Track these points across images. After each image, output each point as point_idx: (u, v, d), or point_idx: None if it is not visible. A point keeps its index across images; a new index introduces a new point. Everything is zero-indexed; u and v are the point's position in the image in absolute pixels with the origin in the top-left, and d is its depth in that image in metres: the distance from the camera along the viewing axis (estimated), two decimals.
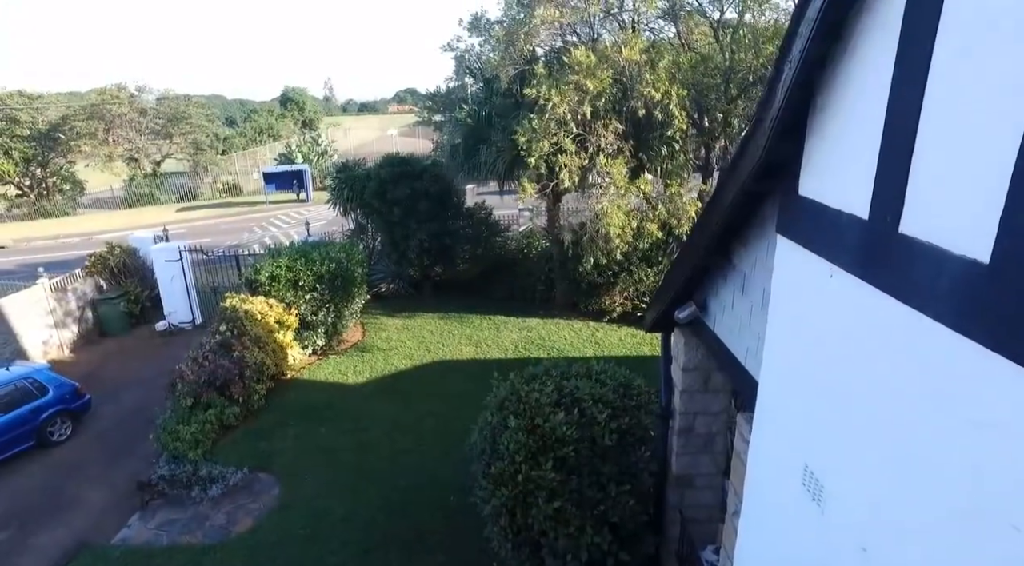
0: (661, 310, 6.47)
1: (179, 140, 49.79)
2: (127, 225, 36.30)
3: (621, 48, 11.97)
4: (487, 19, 14.82)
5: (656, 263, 15.84)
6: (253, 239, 29.43)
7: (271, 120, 70.10)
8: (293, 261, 13.46)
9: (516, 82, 13.58)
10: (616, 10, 14.70)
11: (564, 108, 11.49)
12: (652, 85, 11.64)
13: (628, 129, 12.75)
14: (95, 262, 17.73)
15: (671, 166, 13.34)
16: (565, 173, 11.89)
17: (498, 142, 13.79)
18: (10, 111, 44.43)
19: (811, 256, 3.09)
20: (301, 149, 46.98)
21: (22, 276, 20.50)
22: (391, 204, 16.28)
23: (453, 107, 17.17)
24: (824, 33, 2.83)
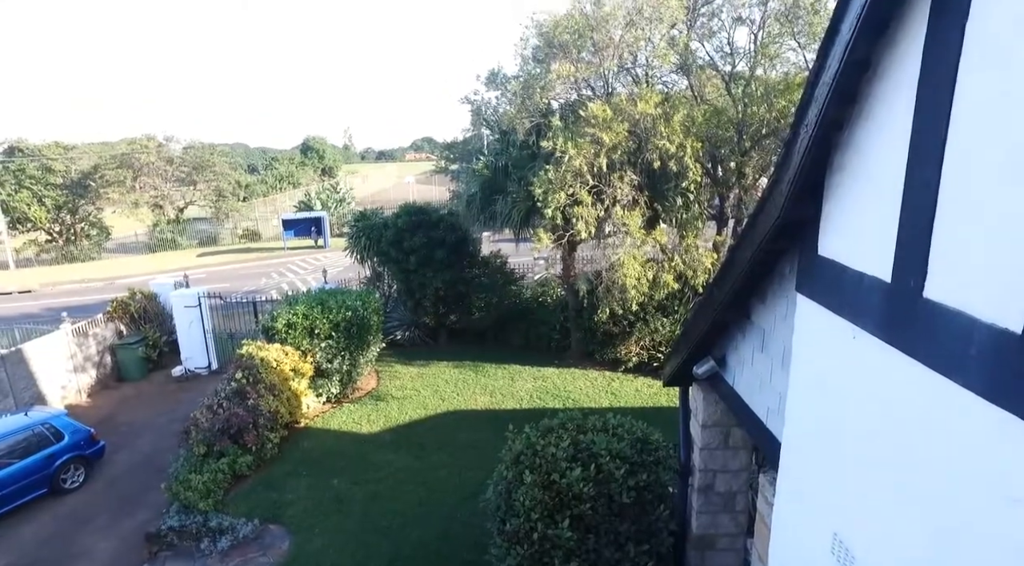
0: (679, 364, 6.41)
1: (203, 187, 51.16)
2: (149, 270, 37.01)
3: (636, 102, 12.25)
4: (504, 74, 15.33)
5: (672, 313, 15.76)
6: (271, 285, 29.81)
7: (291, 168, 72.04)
8: (310, 309, 13.57)
9: (532, 134, 13.90)
10: (630, 65, 15.12)
11: (580, 160, 11.70)
12: (667, 138, 11.84)
13: (643, 180, 12.91)
14: (116, 307, 18.00)
15: (686, 217, 13.43)
16: (581, 224, 12.01)
17: (514, 193, 14.01)
18: (46, 161, 46.15)
19: (833, 316, 3.07)
20: (320, 196, 48.01)
21: (46, 320, 20.85)
22: (408, 252, 16.47)
23: (470, 157, 17.55)
24: (839, 98, 2.89)
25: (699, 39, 15.76)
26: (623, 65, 14.77)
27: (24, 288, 34.86)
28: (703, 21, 15.70)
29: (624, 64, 14.78)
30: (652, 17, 13.81)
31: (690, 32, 15.29)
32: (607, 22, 13.35)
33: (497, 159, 15.12)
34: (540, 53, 14.11)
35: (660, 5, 13.29)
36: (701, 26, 15.71)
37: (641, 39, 13.95)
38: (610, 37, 13.72)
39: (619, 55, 14.06)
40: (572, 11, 13.83)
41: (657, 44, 14.01)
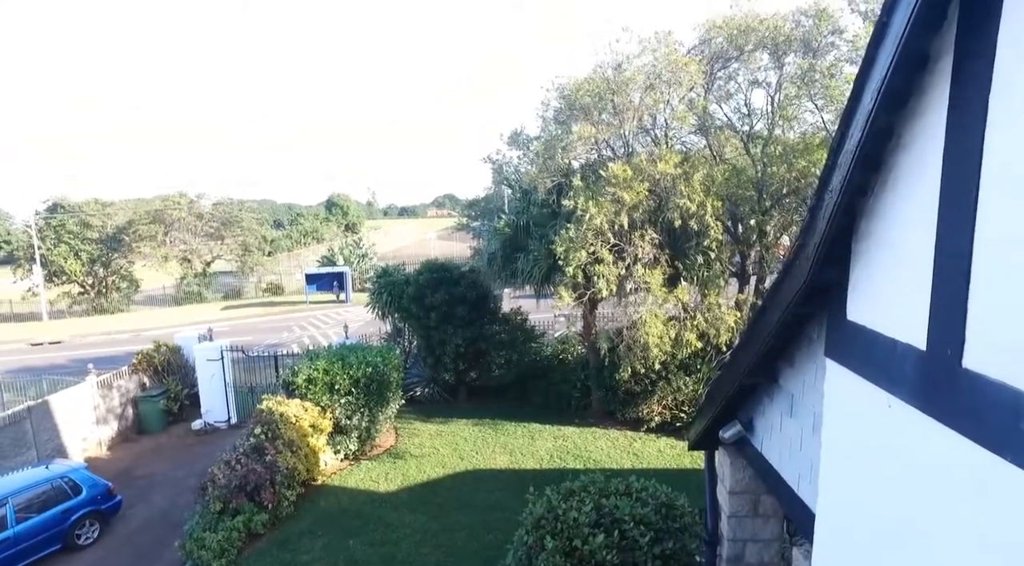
0: (704, 428, 6.26)
1: (230, 242, 52.52)
2: (175, 322, 37.63)
3: (656, 162, 12.46)
4: (526, 135, 15.74)
5: (695, 372, 15.52)
6: (292, 338, 30.05)
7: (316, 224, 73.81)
8: (331, 364, 13.61)
9: (553, 193, 14.14)
10: (649, 126, 15.45)
11: (601, 219, 11.84)
12: (687, 197, 11.97)
13: (664, 239, 12.99)
14: (141, 360, 18.24)
15: (707, 275, 13.40)
16: (602, 282, 12.04)
17: (535, 251, 14.14)
18: (85, 217, 47.97)
19: (865, 384, 3.01)
20: (343, 252, 48.91)
21: (73, 371, 21.18)
22: (429, 309, 16.58)
23: (491, 215, 17.83)
24: (863, 165, 2.92)
25: (717, 101, 16.14)
26: (643, 126, 15.10)
27: (55, 339, 35.64)
28: (720, 84, 16.11)
29: (644, 125, 15.12)
30: (671, 81, 14.21)
31: (708, 95, 15.67)
32: (627, 86, 13.74)
33: (518, 217, 15.36)
34: (562, 115, 14.52)
35: (679, 70, 13.68)
36: (718, 89, 16.11)
37: (660, 102, 14.31)
38: (630, 100, 14.09)
39: (639, 117, 14.40)
40: (593, 75, 14.29)
41: (676, 107, 14.36)
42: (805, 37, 14.25)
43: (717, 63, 15.57)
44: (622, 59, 14.31)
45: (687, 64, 13.76)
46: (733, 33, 14.65)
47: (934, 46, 2.46)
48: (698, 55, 15.25)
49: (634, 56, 14.38)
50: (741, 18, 14.65)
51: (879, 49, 2.60)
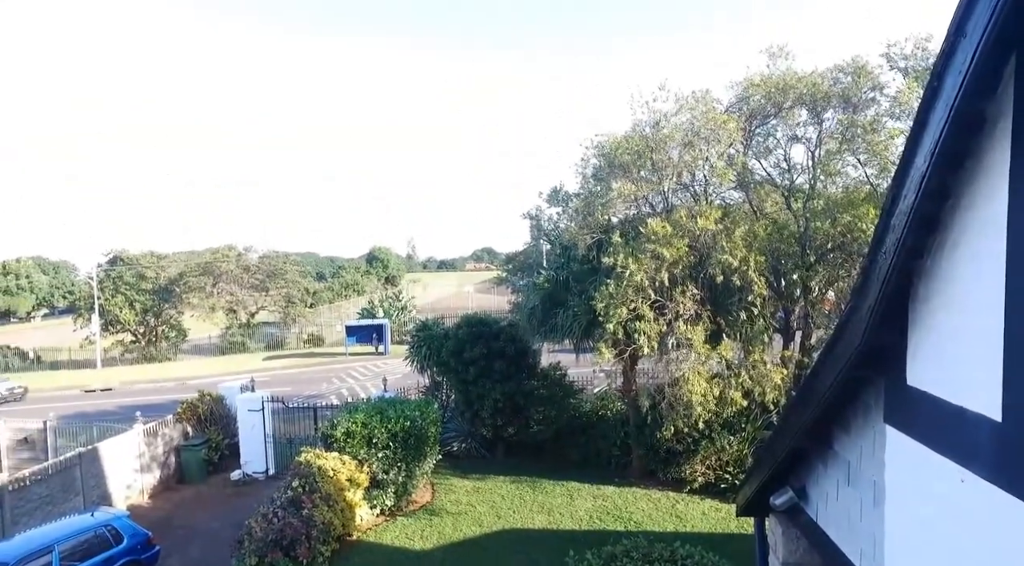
0: (753, 492, 5.99)
1: (274, 293, 54.06)
2: (218, 371, 38.46)
3: (696, 218, 12.44)
4: (566, 192, 15.99)
5: (740, 431, 15.00)
6: (331, 390, 30.32)
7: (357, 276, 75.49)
8: (369, 417, 13.63)
9: (593, 249, 14.20)
10: (688, 182, 15.52)
11: (641, 275, 11.79)
12: (729, 253, 11.85)
13: (706, 295, 12.81)
14: (186, 409, 18.62)
15: (751, 331, 13.09)
16: (643, 339, 11.88)
17: (575, 306, 14.11)
18: (141, 269, 50.29)
19: (933, 455, 2.85)
20: (383, 304, 49.67)
21: (121, 417, 21.73)
22: (467, 363, 16.58)
23: (530, 270, 17.97)
24: (919, 227, 2.85)
25: (756, 157, 16.16)
26: (682, 182, 15.18)
27: (106, 386, 36.85)
28: (759, 140, 16.17)
29: (683, 181, 15.20)
30: (709, 138, 14.33)
31: (747, 150, 15.72)
32: (666, 143, 13.91)
33: (558, 273, 15.43)
34: (601, 172, 14.73)
35: (718, 128, 13.81)
36: (757, 145, 16.16)
37: (699, 158, 14.41)
38: (669, 157, 14.24)
39: (678, 173, 14.50)
40: (632, 133, 14.54)
41: (715, 163, 14.42)
42: (844, 93, 14.28)
43: (755, 120, 15.68)
44: (660, 117, 14.55)
45: (726, 122, 13.90)
46: (771, 91, 14.79)
47: (990, 109, 2.43)
48: (736, 112, 15.41)
49: (672, 114, 14.61)
50: (779, 76, 14.81)
51: (931, 112, 2.58)
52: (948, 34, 2.43)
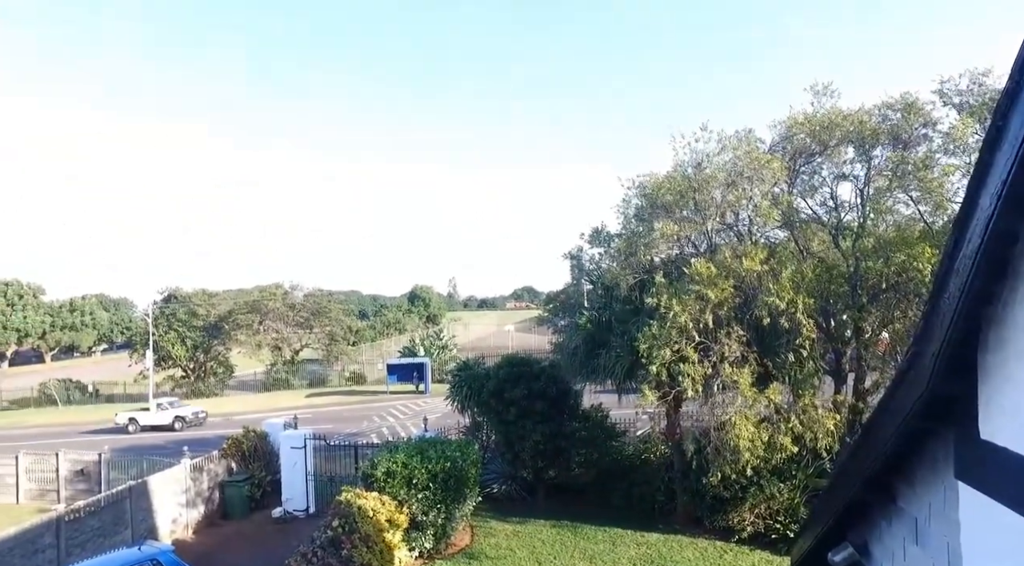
0: (809, 547, 5.68)
1: (318, 331, 55.15)
2: (263, 407, 39.15)
3: (741, 259, 12.24)
4: (607, 232, 15.99)
5: (790, 478, 14.38)
6: (372, 428, 30.42)
7: (399, 315, 76.44)
8: (409, 457, 13.59)
9: (636, 290, 14.07)
10: (732, 222, 15.33)
11: (685, 317, 11.59)
12: (776, 294, 11.57)
13: (752, 336, 12.48)
14: (231, 445, 18.94)
15: (800, 374, 12.66)
16: (688, 381, 11.60)
17: (617, 347, 13.94)
18: (193, 306, 52.21)
19: (1015, 517, 2.65)
20: (424, 343, 50.02)
21: (169, 452, 22.25)
22: (508, 404, 16.46)
23: (571, 310, 17.87)
24: (987, 272, 2.72)
25: (801, 195, 15.90)
26: (725, 222, 15.01)
27: None
28: (804, 179, 15.93)
29: (726, 221, 15.03)
30: (753, 177, 14.20)
31: (791, 189, 15.49)
32: (709, 183, 13.85)
33: (600, 313, 15.31)
34: (643, 212, 14.71)
35: (761, 167, 13.69)
36: (802, 183, 15.91)
37: (742, 198, 14.27)
38: (711, 197, 14.14)
39: (721, 213, 14.37)
40: (673, 173, 14.52)
41: (759, 203, 14.23)
42: (893, 130, 14.02)
43: (800, 158, 15.50)
44: (702, 157, 14.52)
45: (769, 161, 13.78)
46: (815, 129, 14.64)
47: None
48: (780, 151, 15.26)
49: (714, 154, 14.58)
50: (823, 115, 14.67)
51: (996, 152, 2.50)
52: (1012, 73, 2.37)
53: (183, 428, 33.96)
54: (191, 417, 34.97)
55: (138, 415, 35.14)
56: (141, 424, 34.48)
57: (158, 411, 34.92)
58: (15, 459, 21.29)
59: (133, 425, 34.43)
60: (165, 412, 34.87)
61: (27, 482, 21.16)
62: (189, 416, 34.94)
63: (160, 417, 34.60)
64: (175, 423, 34.38)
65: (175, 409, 35.49)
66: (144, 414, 35.16)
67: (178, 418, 34.64)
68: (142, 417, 34.92)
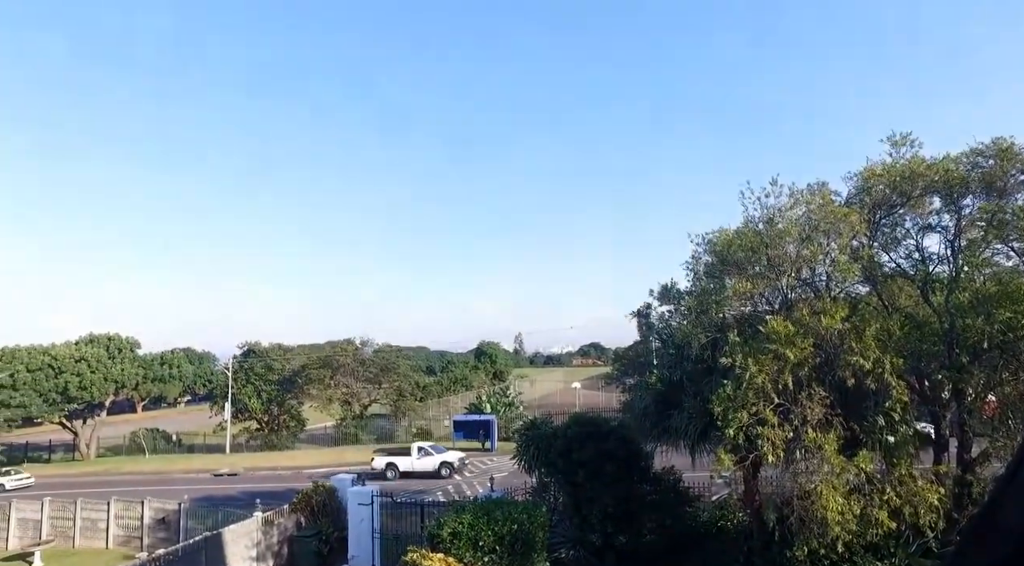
0: None
1: (386, 387, 56.05)
2: (332, 462, 39.75)
3: (820, 316, 11.68)
4: (677, 289, 15.69)
5: (888, 556, 13.10)
6: (438, 486, 30.20)
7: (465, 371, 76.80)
8: (476, 518, 13.35)
9: (708, 349, 13.61)
10: (808, 277, 14.75)
11: (762, 377, 11.06)
12: (860, 354, 10.91)
13: (836, 398, 11.74)
14: (301, 499, 19.23)
15: (893, 440, 11.71)
16: (767, 446, 10.95)
17: (690, 407, 13.42)
18: (269, 361, 54.50)
19: None
20: (490, 400, 49.85)
21: (243, 503, 22.80)
22: (576, 465, 16.03)
23: (640, 368, 17.48)
24: None
25: (882, 248, 15.19)
26: (801, 278, 14.46)
27: (232, 471, 39.14)
28: (885, 231, 15.26)
29: (802, 277, 14.48)
30: (829, 231, 13.71)
31: (872, 242, 14.83)
32: (782, 238, 13.46)
33: (671, 372, 14.88)
34: (713, 269, 14.39)
35: (838, 221, 13.22)
36: (883, 236, 15.24)
37: (819, 253, 13.75)
38: (785, 252, 13.71)
39: (796, 269, 13.87)
40: (744, 229, 14.22)
41: (837, 257, 13.67)
42: (986, 178, 13.33)
43: (880, 210, 14.91)
44: (773, 212, 14.19)
45: (847, 214, 13.30)
46: (895, 180, 14.10)
47: None
48: (857, 204, 14.74)
49: (786, 209, 14.22)
50: (903, 165, 14.15)
51: None
52: None
53: (450, 475, 32.31)
54: (458, 463, 33.34)
55: (398, 460, 33.22)
56: (401, 470, 32.64)
57: (420, 456, 33.31)
58: (107, 505, 22.46)
59: (392, 471, 32.72)
60: (429, 458, 33.26)
61: (116, 528, 22.23)
62: (456, 463, 33.35)
63: (424, 463, 32.87)
64: (441, 469, 32.72)
65: (441, 455, 33.72)
66: (404, 459, 33.34)
67: (445, 464, 32.98)
68: (402, 462, 33.11)
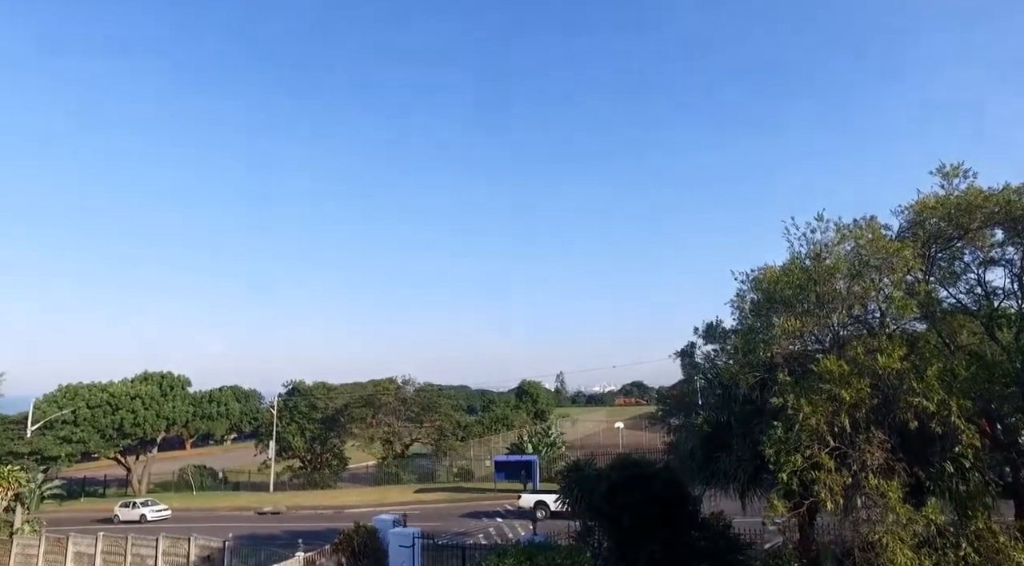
0: None
1: (428, 426, 55.90)
2: (373, 501, 39.60)
3: (876, 355, 11.18)
4: (723, 328, 15.30)
5: None
6: (479, 527, 29.68)
7: (507, 411, 76.10)
8: (518, 563, 13.03)
9: (756, 389, 13.16)
10: (860, 314, 14.20)
11: (816, 419, 10.58)
12: (922, 395, 10.34)
13: (897, 442, 11.11)
14: (342, 540, 19.13)
15: (965, 490, 10.95)
16: (825, 493, 10.38)
17: (739, 450, 12.93)
18: (313, 399, 55.23)
19: None
20: (532, 440, 49.16)
21: (285, 542, 22.84)
22: (621, 509, 15.52)
23: (686, 409, 16.99)
24: None
25: (940, 283, 14.58)
26: (853, 315, 13.94)
27: (275, 509, 39.38)
28: (942, 265, 14.68)
29: (854, 314, 13.96)
30: (881, 267, 13.24)
31: (928, 277, 14.26)
32: (830, 275, 13.06)
33: (718, 413, 14.42)
34: (760, 307, 14.01)
35: (890, 255, 12.77)
36: (940, 270, 14.64)
37: (871, 289, 13.26)
38: (835, 289, 13.28)
39: (847, 306, 13.40)
40: (790, 266, 13.86)
41: (891, 294, 13.15)
42: None
43: (935, 244, 14.39)
44: (820, 248, 13.83)
45: (900, 249, 12.84)
46: (951, 212, 13.62)
47: None
48: (909, 237, 14.25)
49: (833, 244, 13.84)
50: (959, 196, 13.66)
51: None
52: None
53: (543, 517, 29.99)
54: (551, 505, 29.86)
55: (548, 498, 30.27)
56: (552, 510, 29.40)
57: None
58: (156, 542, 22.85)
59: (542, 511, 30.57)
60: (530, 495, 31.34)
61: (163, 564, 22.54)
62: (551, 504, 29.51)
63: None
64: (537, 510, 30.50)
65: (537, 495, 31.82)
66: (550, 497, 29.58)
67: (539, 504, 30.92)
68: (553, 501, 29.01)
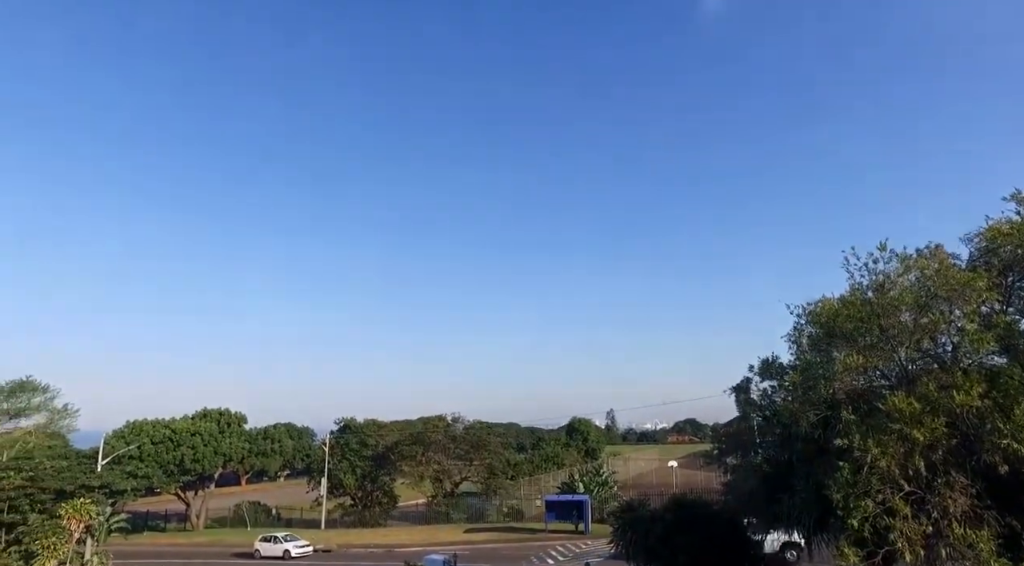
0: None
1: (477, 464, 55.26)
2: (422, 541, 39.16)
3: (952, 392, 10.46)
4: (780, 363, 14.68)
5: None
6: None
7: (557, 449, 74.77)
8: None
9: (818, 428, 12.49)
10: (930, 348, 13.40)
11: (887, 461, 9.92)
12: (1011, 436, 9.56)
13: (983, 487, 10.27)
14: None
15: None
16: (902, 542, 9.64)
17: (802, 491, 12.22)
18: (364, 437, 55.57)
19: None
20: (583, 479, 48.02)
21: None
22: (677, 551, 14.89)
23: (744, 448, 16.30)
24: None
25: (1020, 314, 13.65)
26: (921, 349, 13.17)
27: (327, 547, 39.41)
28: (1022, 295, 13.76)
29: (922, 347, 13.19)
30: (951, 298, 12.53)
31: (1006, 307, 13.40)
32: (895, 307, 12.43)
33: (778, 452, 13.75)
34: (819, 341, 13.42)
35: (962, 286, 12.08)
36: (1020, 300, 13.73)
37: (941, 322, 12.52)
38: (901, 322, 12.61)
39: (916, 340, 12.68)
40: (851, 298, 13.28)
41: (964, 326, 12.38)
42: None
43: (1012, 272, 13.55)
44: (883, 279, 13.22)
45: (972, 279, 12.13)
46: None
47: None
48: (982, 266, 13.48)
49: (897, 275, 13.21)
50: None
51: None
52: None
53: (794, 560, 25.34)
54: None
55: None
56: None
57: None
58: None
59: None
60: None
61: None
62: None
63: None
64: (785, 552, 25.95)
65: None
66: None
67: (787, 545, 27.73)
68: None
